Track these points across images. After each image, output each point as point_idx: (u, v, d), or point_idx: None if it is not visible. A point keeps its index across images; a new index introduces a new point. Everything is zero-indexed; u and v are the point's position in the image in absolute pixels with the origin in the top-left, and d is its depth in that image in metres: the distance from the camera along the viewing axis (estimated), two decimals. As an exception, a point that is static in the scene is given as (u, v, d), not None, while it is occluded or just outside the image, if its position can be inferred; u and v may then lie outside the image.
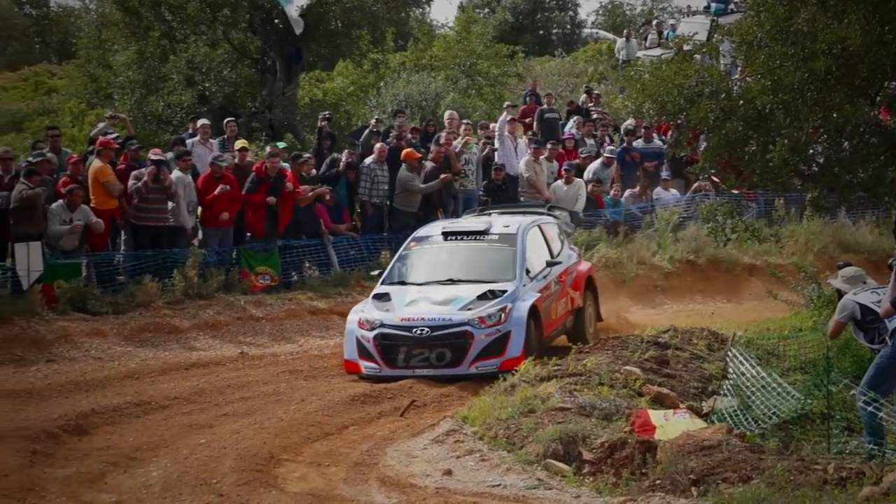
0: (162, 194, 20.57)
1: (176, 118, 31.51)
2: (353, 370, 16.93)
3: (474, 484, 11.35)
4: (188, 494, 11.07)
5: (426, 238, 18.36)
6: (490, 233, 18.07)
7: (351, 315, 17.33)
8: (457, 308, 16.64)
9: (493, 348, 16.38)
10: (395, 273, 17.89)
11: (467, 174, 24.07)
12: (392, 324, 16.66)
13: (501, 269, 17.41)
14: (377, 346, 16.64)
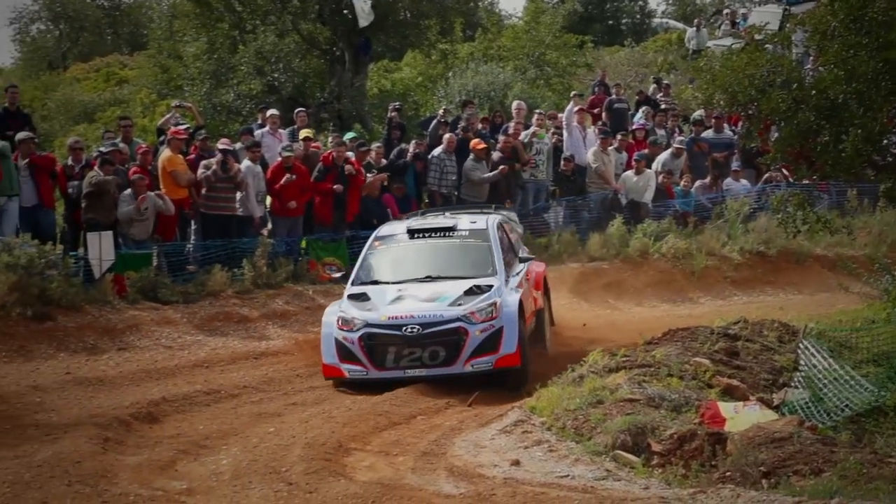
0: (230, 183, 20.71)
1: (245, 108, 31.67)
2: (333, 375, 15.87)
3: (542, 474, 11.31)
4: (257, 482, 11.12)
5: (391, 237, 17.45)
6: (458, 229, 17.28)
7: (326, 317, 16.17)
8: (446, 304, 15.78)
9: (486, 345, 15.56)
10: (365, 272, 16.93)
11: (538, 164, 24.01)
12: (378, 323, 15.65)
13: (479, 265, 16.68)
14: (363, 348, 15.64)
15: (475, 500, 10.47)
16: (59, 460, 11.70)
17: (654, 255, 23.74)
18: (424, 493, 10.78)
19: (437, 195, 23.28)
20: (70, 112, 39.07)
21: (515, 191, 23.65)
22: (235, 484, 11.17)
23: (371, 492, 10.56)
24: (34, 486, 10.79)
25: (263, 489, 10.88)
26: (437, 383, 15.45)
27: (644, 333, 16.77)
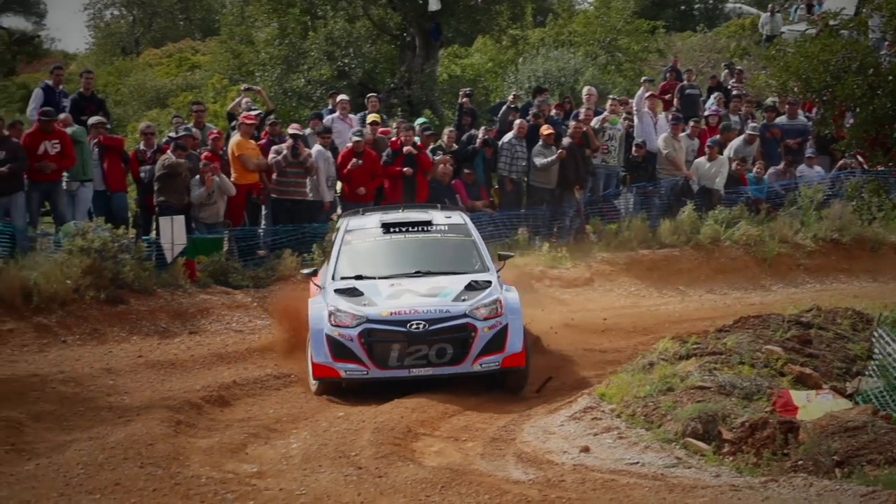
0: (300, 168, 20.81)
1: (316, 94, 31.77)
2: (325, 375, 14.65)
3: (612, 461, 11.27)
4: (327, 466, 11.17)
5: (362, 230, 16.23)
6: (435, 223, 16.25)
7: (313, 312, 14.96)
8: (449, 299, 14.73)
9: (494, 343, 14.55)
10: (346, 267, 15.66)
11: (609, 150, 23.90)
12: (379, 318, 14.48)
13: (466, 260, 15.76)
14: (363, 345, 14.43)
15: (544, 486, 10.45)
16: (131, 442, 11.81)
17: (725, 243, 23.54)
18: (493, 478, 10.77)
19: (508, 181, 23.23)
20: (143, 97, 39.41)
21: (585, 176, 23.54)
22: (305, 467, 11.22)
23: (440, 477, 10.57)
24: (108, 468, 10.89)
25: (333, 473, 10.93)
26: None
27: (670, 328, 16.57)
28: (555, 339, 18.16)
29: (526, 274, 21.76)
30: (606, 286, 22.02)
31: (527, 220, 23.00)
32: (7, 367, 16.44)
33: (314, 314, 14.93)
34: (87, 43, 55.21)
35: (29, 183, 19.44)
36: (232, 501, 9.82)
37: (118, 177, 20.50)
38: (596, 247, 22.97)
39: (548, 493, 10.05)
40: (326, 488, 10.29)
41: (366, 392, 14.46)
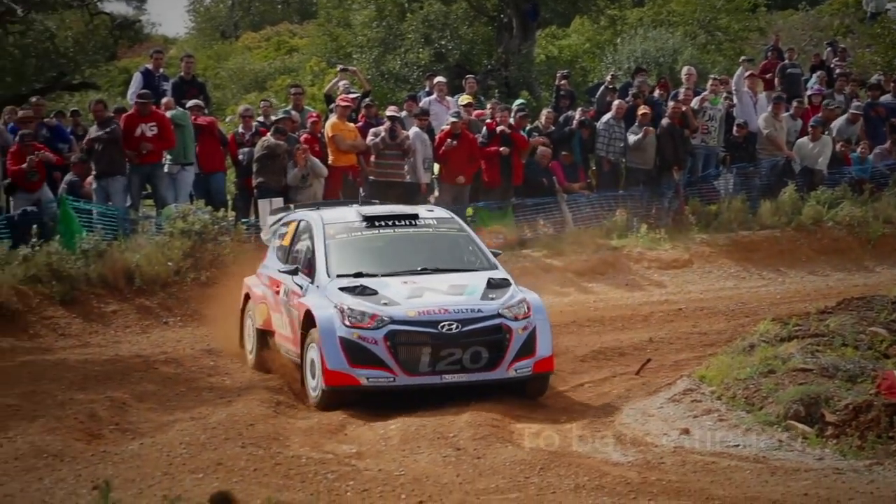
0: (397, 150, 20.85)
1: (413, 76, 31.81)
2: (342, 384, 12.90)
3: (712, 444, 11.16)
4: (426, 447, 11.17)
5: (342, 223, 14.49)
6: (422, 217, 14.68)
7: (319, 311, 13.20)
8: (477, 298, 13.29)
9: (526, 346, 13.15)
10: (339, 264, 13.87)
11: (710, 130, 23.65)
12: (406, 319, 12.90)
13: (470, 256, 14.38)
14: (389, 349, 12.81)
15: (644, 468, 10.39)
16: (232, 422, 11.93)
17: (828, 223, 23.22)
18: (592, 460, 10.73)
19: (605, 161, 23.10)
20: (241, 81, 39.73)
21: (684, 157, 23.33)
22: (404, 448, 11.24)
23: (538, 458, 10.54)
24: (209, 447, 11.01)
25: (432, 454, 10.93)
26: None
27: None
28: (652, 321, 18.07)
29: (623, 256, 21.68)
30: (706, 268, 21.83)
31: (624, 201, 22.86)
32: (111, 348, 16.74)
33: (321, 314, 13.13)
34: (187, 27, 55.77)
35: (130, 166, 19.71)
36: (332, 481, 9.87)
37: (213, 157, 20.71)
38: (695, 228, 22.77)
39: (647, 475, 9.99)
40: (425, 469, 10.31)
41: (371, 403, 12.96)
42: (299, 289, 13.94)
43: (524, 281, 20.25)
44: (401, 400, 12.80)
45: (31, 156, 18.90)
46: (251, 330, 15.38)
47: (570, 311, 18.51)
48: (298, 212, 15.79)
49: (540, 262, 21.13)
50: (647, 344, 16.11)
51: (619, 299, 20.16)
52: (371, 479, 9.87)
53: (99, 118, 19.81)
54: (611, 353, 15.74)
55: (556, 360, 13.70)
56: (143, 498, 9.09)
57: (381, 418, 12.45)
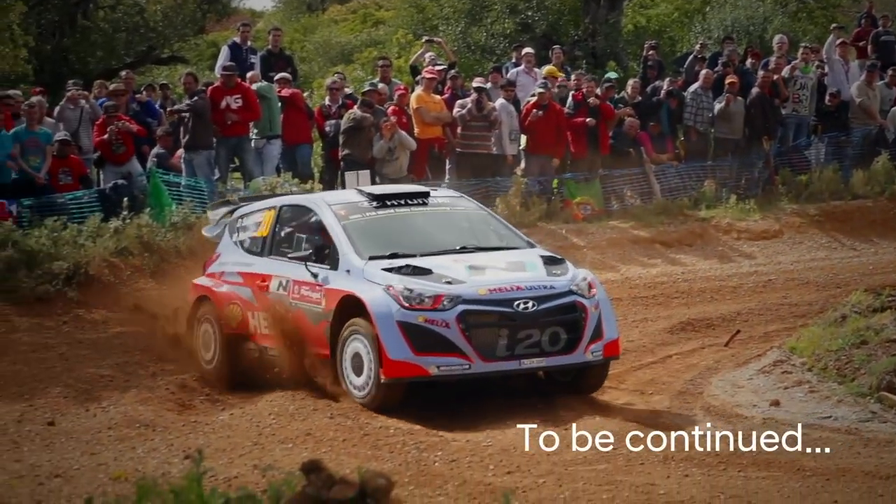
0: (484, 122, 20.81)
1: (499, 47, 31.70)
2: (406, 375, 11.49)
3: (803, 415, 11.05)
4: (514, 419, 11.16)
5: (350, 205, 13.02)
6: (434, 196, 13.34)
7: (366, 295, 11.69)
8: (543, 273, 12.06)
9: (598, 327, 11.96)
10: (367, 244, 12.39)
11: (801, 99, 23.35)
12: (477, 298, 11.55)
13: (504, 235, 13.10)
14: (463, 332, 11.43)
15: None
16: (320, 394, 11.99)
17: (921, 193, 22.85)
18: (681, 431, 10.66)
19: (693, 131, 22.89)
20: (328, 54, 39.82)
21: (775, 127, 23.06)
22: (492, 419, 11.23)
23: (626, 429, 10.50)
24: (298, 418, 11.10)
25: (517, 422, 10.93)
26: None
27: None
28: (741, 292, 17.92)
29: (712, 227, 21.51)
30: (796, 238, 21.58)
31: (713, 171, 22.66)
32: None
33: (370, 298, 11.63)
34: (274, 1, 55.98)
35: (217, 139, 19.87)
36: (420, 452, 9.90)
37: (299, 130, 20.79)
38: (785, 198, 22.51)
39: (738, 447, 9.92)
40: (513, 440, 10.30)
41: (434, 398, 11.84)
42: (313, 278, 12.38)
43: (612, 252, 20.28)
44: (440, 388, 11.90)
45: (112, 126, 19.15)
46: (212, 336, 13.41)
47: (657, 283, 18.41)
48: (269, 200, 14.33)
49: (627, 233, 21.02)
50: (735, 315, 15.97)
51: (708, 270, 20.00)
52: (459, 450, 9.90)
53: (189, 91, 20.01)
54: (699, 324, 15.63)
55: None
56: (233, 467, 9.19)
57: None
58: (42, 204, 18.34)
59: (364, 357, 11.67)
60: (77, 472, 9.09)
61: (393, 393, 11.59)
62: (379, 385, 11.52)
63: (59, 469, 9.16)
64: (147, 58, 33.16)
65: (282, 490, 4.83)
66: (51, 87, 24.70)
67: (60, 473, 9.01)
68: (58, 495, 8.24)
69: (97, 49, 31.34)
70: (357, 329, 11.76)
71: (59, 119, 19.97)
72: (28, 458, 9.76)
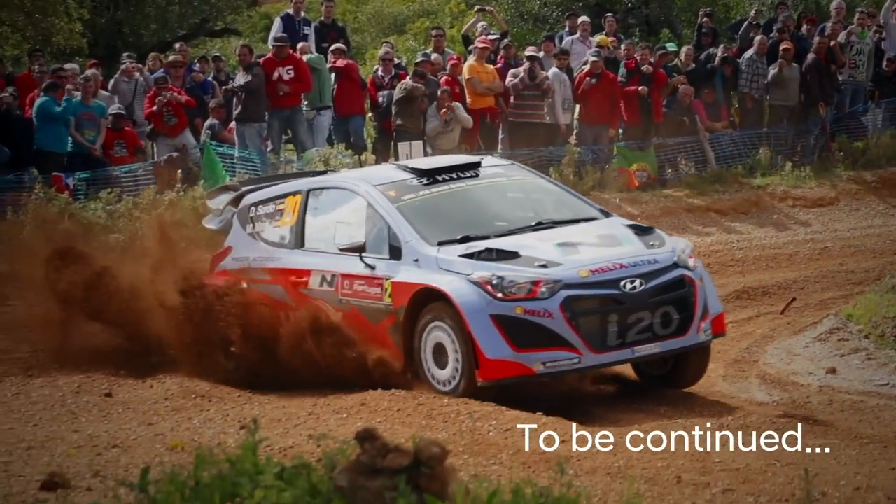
0: (537, 91, 20.74)
1: (551, 16, 31.56)
2: (508, 375, 10.30)
3: (860, 382, 10.99)
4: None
5: (396, 183, 11.60)
6: (485, 166, 12.05)
7: (449, 287, 10.42)
8: (642, 246, 10.84)
9: (704, 304, 10.82)
10: (431, 228, 11.04)
11: (858, 65, 23.11)
12: (580, 281, 10.29)
13: (574, 206, 11.77)
14: (569, 320, 10.19)
15: (790, 408, 10.27)
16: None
17: (981, 159, 22.58)
18: (736, 400, 10.63)
19: (749, 98, 22.72)
20: (380, 24, 39.81)
21: (831, 93, 22.84)
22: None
23: (681, 397, 10.47)
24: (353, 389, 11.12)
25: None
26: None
27: None
28: (797, 260, 17.80)
29: (767, 194, 21.36)
30: (853, 205, 21.39)
31: (768, 139, 22.49)
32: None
33: (454, 289, 10.37)
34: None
35: (270, 111, 19.92)
36: (474, 421, 9.90)
37: (352, 101, 20.79)
38: (841, 165, 22.30)
39: (794, 415, 9.87)
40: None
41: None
42: (369, 270, 11.08)
43: (666, 221, 20.18)
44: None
45: (160, 97, 19.25)
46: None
47: (713, 251, 18.32)
48: (285, 185, 12.87)
49: (682, 201, 20.91)
50: (791, 283, 15.87)
51: (763, 238, 19.89)
52: (513, 419, 9.89)
53: (244, 63, 20.05)
54: (754, 292, 15.55)
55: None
56: (289, 437, 9.23)
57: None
58: (97, 177, 18.49)
59: (448, 349, 10.51)
60: (134, 443, 9.17)
61: (487, 393, 10.39)
62: (471, 384, 10.37)
63: (116, 439, 9.24)
64: (200, 30, 33.30)
65: (336, 458, 4.85)
66: (105, 61, 24.86)
67: (118, 444, 9.08)
68: (115, 465, 8.31)
69: (151, 22, 31.47)
70: (436, 317, 10.55)
71: (113, 92, 20.13)
72: (86, 428, 9.86)
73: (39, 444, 9.05)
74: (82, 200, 17.72)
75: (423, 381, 10.72)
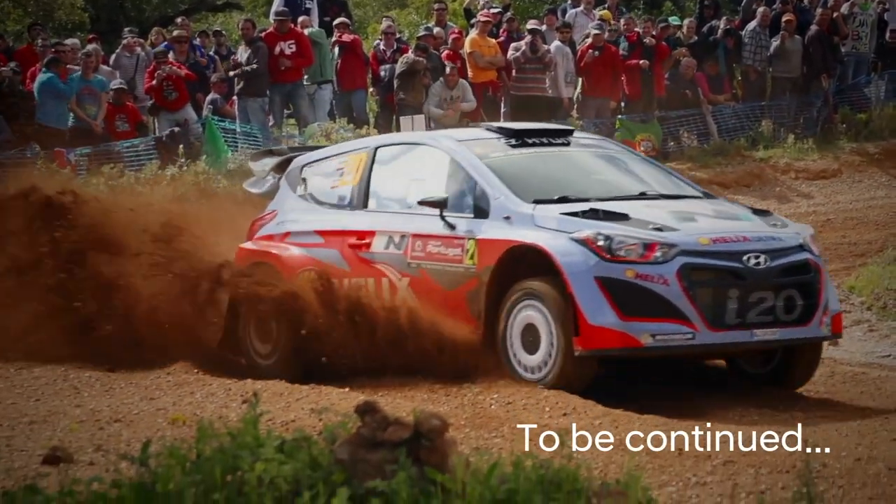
0: (539, 64, 20.70)
1: (556, -11, 31.46)
2: (612, 346, 9.24)
3: (862, 354, 11.03)
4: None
5: (483, 142, 10.60)
6: (577, 136, 11.25)
7: (550, 243, 9.32)
8: (764, 224, 9.82)
9: (827, 296, 9.68)
10: (522, 187, 9.96)
11: (860, 36, 23.06)
12: (700, 249, 9.26)
13: (677, 183, 10.75)
14: (686, 291, 9.12)
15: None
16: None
17: (984, 130, 22.54)
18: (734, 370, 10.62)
19: (752, 70, 22.68)
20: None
21: (834, 65, 22.80)
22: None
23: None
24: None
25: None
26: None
27: None
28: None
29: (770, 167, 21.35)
30: (855, 177, 21.38)
31: (771, 111, 22.45)
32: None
33: (555, 247, 9.28)
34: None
35: (271, 86, 19.89)
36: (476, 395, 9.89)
37: (354, 75, 20.75)
38: (844, 137, 22.29)
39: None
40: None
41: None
42: (448, 229, 10.03)
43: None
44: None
45: (160, 71, 19.23)
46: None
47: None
48: (346, 144, 12.61)
49: (684, 174, 20.78)
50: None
51: (766, 211, 19.85)
52: (515, 393, 9.88)
53: (247, 37, 20.01)
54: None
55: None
56: (291, 411, 9.23)
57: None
58: (99, 152, 18.50)
59: (542, 330, 9.39)
60: (136, 417, 9.17)
61: (586, 369, 9.35)
62: (568, 359, 9.24)
63: (118, 414, 9.24)
64: (202, 4, 33.26)
65: (337, 432, 4.86)
66: (107, 36, 24.83)
67: (120, 418, 9.08)
68: (117, 439, 8.31)
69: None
70: (531, 292, 9.47)
71: (115, 67, 20.13)
72: (88, 403, 9.85)
73: (42, 419, 9.05)
74: (84, 176, 17.71)
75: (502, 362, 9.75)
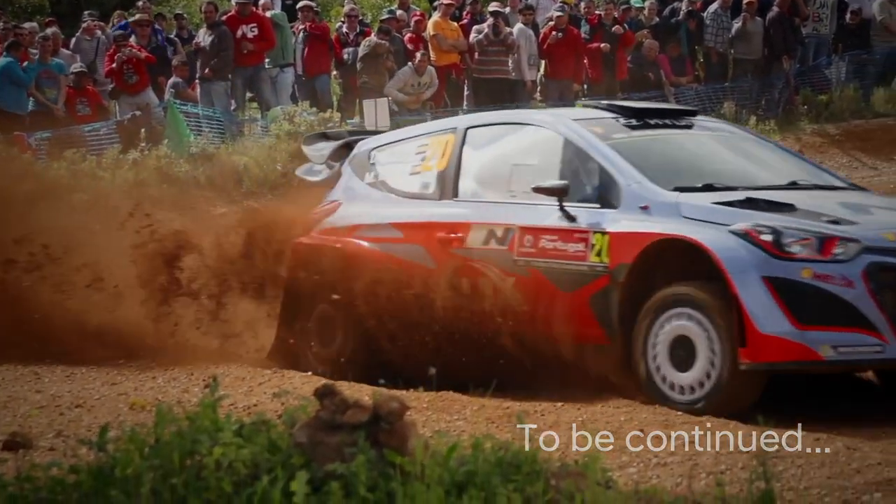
0: (501, 46, 20.70)
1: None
2: (787, 358, 7.77)
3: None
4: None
5: (601, 121, 9.23)
6: (700, 119, 10.01)
7: (705, 237, 7.90)
8: None
9: None
10: (650, 170, 8.59)
11: (821, 18, 23.16)
12: (888, 246, 7.82)
13: (822, 174, 9.55)
14: (874, 294, 7.69)
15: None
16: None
17: (943, 111, 22.67)
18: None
19: (714, 52, 22.76)
20: (346, -19, 39.53)
21: (795, 46, 22.89)
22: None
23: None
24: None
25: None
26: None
27: None
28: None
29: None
30: (817, 158, 21.31)
31: (732, 93, 22.53)
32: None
33: (714, 240, 7.85)
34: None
35: (233, 69, 19.82)
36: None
37: (319, 60, 20.70)
38: (805, 118, 22.41)
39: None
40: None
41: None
42: (567, 221, 8.64)
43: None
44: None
45: (120, 53, 19.14)
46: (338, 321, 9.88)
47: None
48: (431, 123, 11.74)
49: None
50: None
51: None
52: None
53: (210, 20, 19.93)
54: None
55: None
56: (253, 395, 9.23)
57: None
58: (60, 136, 18.39)
59: (699, 344, 7.97)
60: (98, 402, 9.13)
61: (752, 387, 7.93)
62: (732, 375, 7.83)
63: (79, 399, 9.20)
64: (163, -13, 33.03)
65: (296, 415, 4.86)
66: (68, 20, 24.64)
67: (81, 403, 9.04)
68: (77, 425, 8.27)
69: (113, -21, 31.20)
70: (684, 298, 8.07)
71: (75, 51, 20.03)
72: (49, 388, 9.82)
73: (1, 405, 9.00)
74: (45, 160, 17.60)
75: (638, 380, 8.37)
